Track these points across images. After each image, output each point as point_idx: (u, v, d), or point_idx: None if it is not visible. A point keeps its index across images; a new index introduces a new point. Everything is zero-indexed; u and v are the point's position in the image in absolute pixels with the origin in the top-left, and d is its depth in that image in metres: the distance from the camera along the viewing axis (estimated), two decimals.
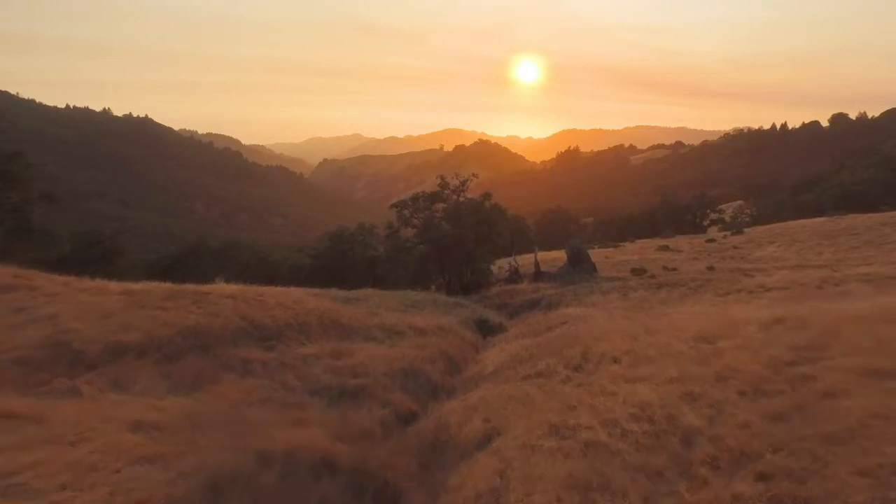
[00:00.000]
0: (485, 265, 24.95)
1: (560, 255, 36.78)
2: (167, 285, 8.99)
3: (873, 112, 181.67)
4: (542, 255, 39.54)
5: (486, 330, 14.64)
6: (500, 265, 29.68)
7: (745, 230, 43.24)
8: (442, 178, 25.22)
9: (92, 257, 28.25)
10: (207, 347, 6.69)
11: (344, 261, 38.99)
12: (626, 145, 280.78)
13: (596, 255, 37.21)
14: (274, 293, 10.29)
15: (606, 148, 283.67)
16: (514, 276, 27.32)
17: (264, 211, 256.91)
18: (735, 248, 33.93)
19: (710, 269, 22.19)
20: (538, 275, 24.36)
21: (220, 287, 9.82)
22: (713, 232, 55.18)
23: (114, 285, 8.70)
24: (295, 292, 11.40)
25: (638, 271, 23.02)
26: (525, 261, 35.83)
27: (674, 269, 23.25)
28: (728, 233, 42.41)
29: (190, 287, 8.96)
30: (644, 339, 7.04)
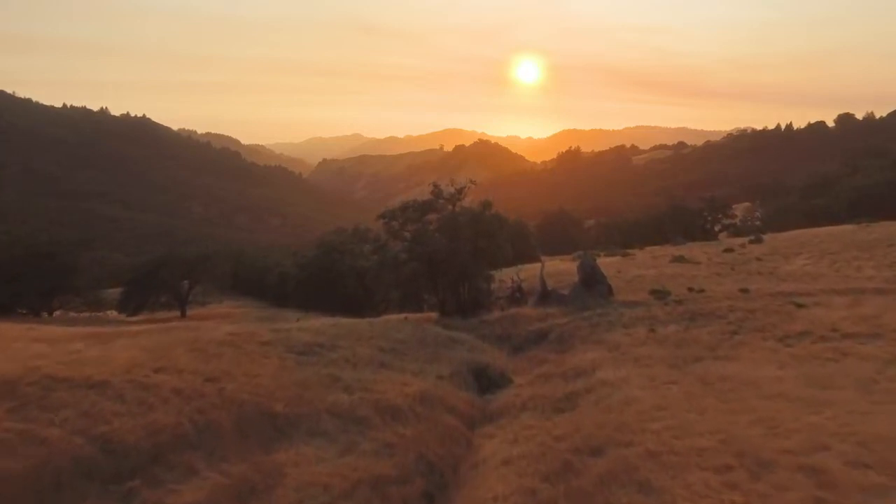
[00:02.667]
0: (484, 285, 21.95)
1: (566, 267, 33.75)
2: None
3: (879, 112, 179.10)
4: (546, 265, 36.56)
5: (486, 383, 11.68)
6: (502, 279, 26.51)
7: (764, 238, 40.21)
8: (435, 185, 22.20)
9: (47, 271, 25.34)
10: None
11: (332, 271, 36.14)
12: (628, 145, 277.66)
13: (605, 265, 34.03)
14: (184, 363, 7.27)
15: (607, 148, 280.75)
16: (518, 293, 24.36)
17: (263, 211, 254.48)
18: (758, 259, 30.90)
19: (745, 291, 19.16)
20: (545, 295, 21.37)
21: (106, 359, 6.83)
22: (726, 238, 52.25)
23: None
24: (226, 356, 8.34)
25: (660, 293, 20.01)
26: (529, 272, 32.83)
27: (701, 291, 20.22)
28: (746, 241, 39.34)
29: (42, 369, 5.96)
30: (754, 491, 4.04)
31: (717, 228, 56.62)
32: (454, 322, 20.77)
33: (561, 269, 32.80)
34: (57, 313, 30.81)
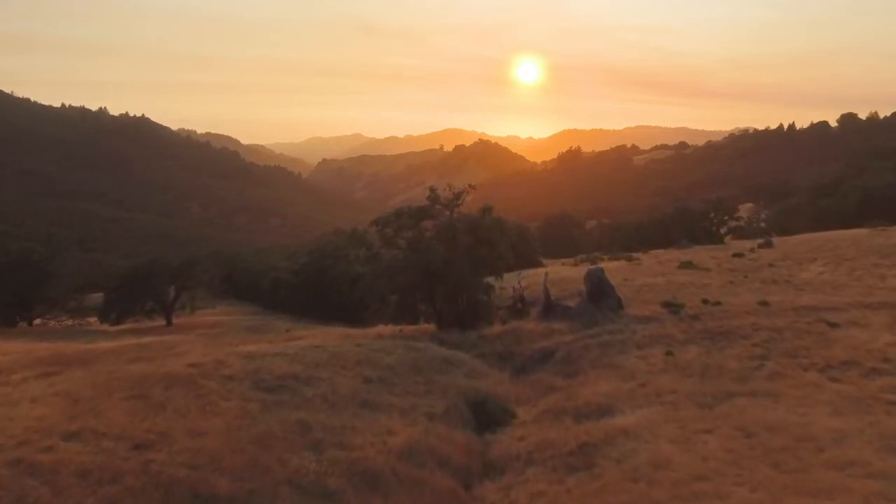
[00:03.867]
0: (484, 297, 20.50)
1: (569, 273, 32.31)
2: None
3: (882, 112, 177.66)
4: (549, 271, 35.04)
5: (485, 419, 10.25)
6: (502, 286, 24.95)
7: (774, 241, 38.71)
8: (431, 190, 20.74)
9: (18, 281, 23.94)
10: None
11: (326, 277, 34.74)
12: (629, 145, 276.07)
13: (610, 271, 32.36)
14: (111, 420, 5.85)
15: (608, 148, 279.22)
16: (519, 304, 22.89)
17: (263, 211, 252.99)
18: (771, 266, 29.44)
19: (764, 304, 17.72)
20: (549, 308, 19.91)
21: (4, 420, 5.42)
22: (731, 240, 50.88)
23: None
24: (173, 404, 6.90)
25: (673, 306, 18.56)
26: (531, 278, 31.36)
27: (717, 304, 18.77)
28: (755, 245, 37.84)
29: None
30: None
31: (722, 231, 55.14)
32: (451, 337, 19.36)
33: (564, 275, 31.33)
34: (38, 322, 29.44)
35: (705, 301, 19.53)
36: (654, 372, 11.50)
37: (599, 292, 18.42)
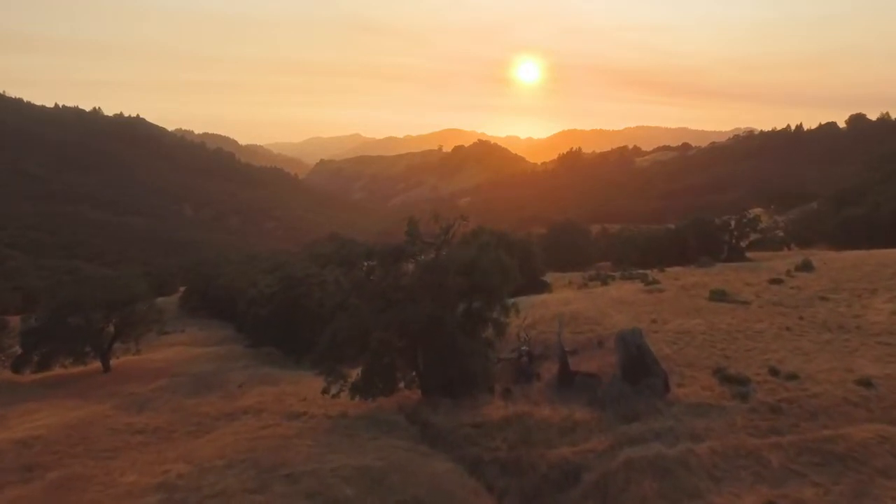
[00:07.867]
0: (480, 365, 15.55)
1: (582, 307, 27.27)
2: None
3: (893, 113, 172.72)
4: (558, 301, 30.23)
5: None
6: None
7: (813, 263, 33.74)
8: (411, 222, 15.78)
9: None
10: None
11: (298, 309, 29.90)
12: (630, 146, 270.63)
13: (630, 303, 27.75)
14: None
15: (609, 149, 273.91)
16: (526, 358, 18.04)
17: (257, 213, 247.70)
18: (823, 299, 24.55)
19: (867, 385, 12.85)
20: (567, 379, 15.04)
21: None
22: (752, 253, 46.06)
23: None
24: None
25: (734, 383, 13.70)
26: (535, 311, 26.57)
27: (793, 378, 13.92)
28: (791, 267, 32.90)
29: None
30: None
31: (744, 244, 50.21)
32: (438, 418, 14.54)
33: (576, 309, 26.43)
34: None
35: (775, 372, 14.71)
36: None
37: (639, 367, 13.43)
